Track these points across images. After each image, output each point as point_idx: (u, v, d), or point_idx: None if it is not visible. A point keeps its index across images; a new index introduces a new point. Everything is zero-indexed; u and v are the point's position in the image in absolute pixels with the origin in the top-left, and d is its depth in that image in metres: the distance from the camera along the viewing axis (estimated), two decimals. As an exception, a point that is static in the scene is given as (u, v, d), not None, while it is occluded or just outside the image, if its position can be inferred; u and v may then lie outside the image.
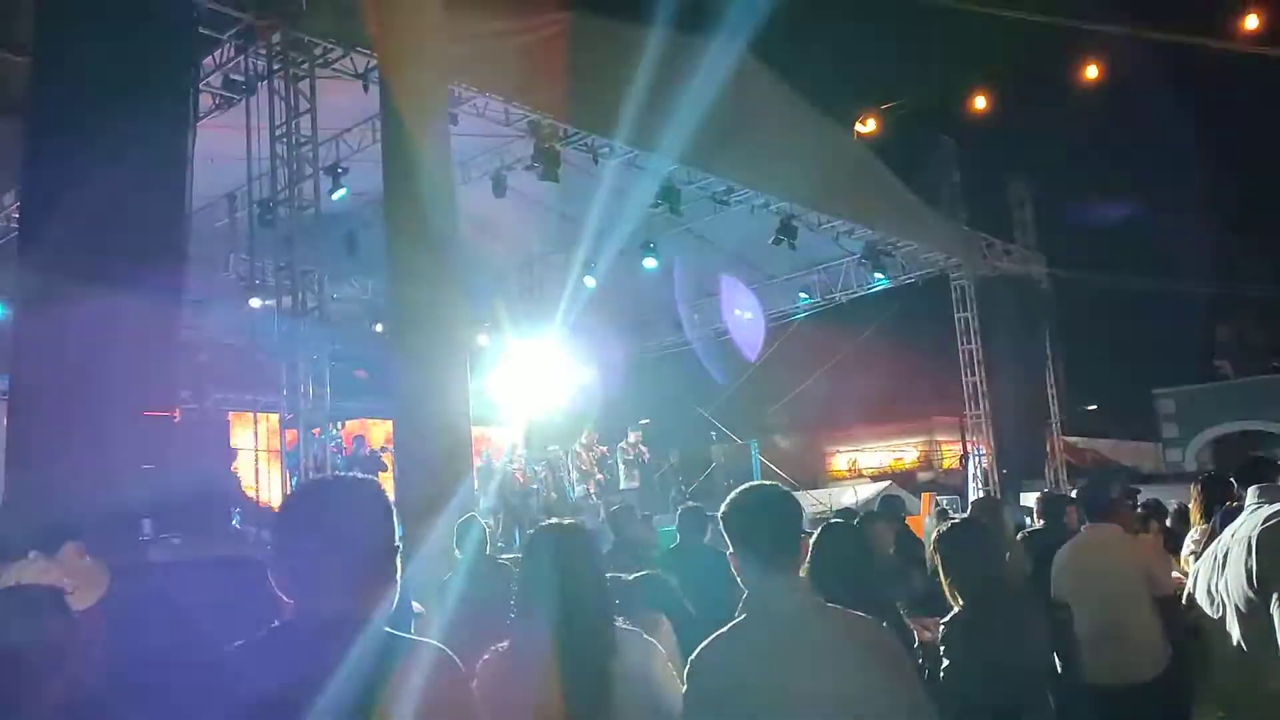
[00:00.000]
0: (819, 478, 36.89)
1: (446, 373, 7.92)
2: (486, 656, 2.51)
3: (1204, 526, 5.47)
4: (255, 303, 13.43)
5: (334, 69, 9.86)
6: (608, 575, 2.77)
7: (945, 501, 15.87)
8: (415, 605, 4.91)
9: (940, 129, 18.50)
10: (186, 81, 7.95)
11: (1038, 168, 19.12)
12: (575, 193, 14.07)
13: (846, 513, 8.25)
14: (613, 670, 2.37)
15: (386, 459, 13.05)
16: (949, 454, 33.65)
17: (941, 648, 3.80)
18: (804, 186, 14.20)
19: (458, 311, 8.14)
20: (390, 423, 11.05)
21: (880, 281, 17.30)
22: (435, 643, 1.81)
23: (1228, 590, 2.35)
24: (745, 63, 13.63)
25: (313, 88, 9.52)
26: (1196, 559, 5.48)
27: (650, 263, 15.75)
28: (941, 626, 3.89)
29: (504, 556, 6.56)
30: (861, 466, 37.32)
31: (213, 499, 9.53)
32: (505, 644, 2.52)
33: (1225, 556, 2.40)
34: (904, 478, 30.41)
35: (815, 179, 14.42)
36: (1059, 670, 6.30)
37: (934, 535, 4.14)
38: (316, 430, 9.22)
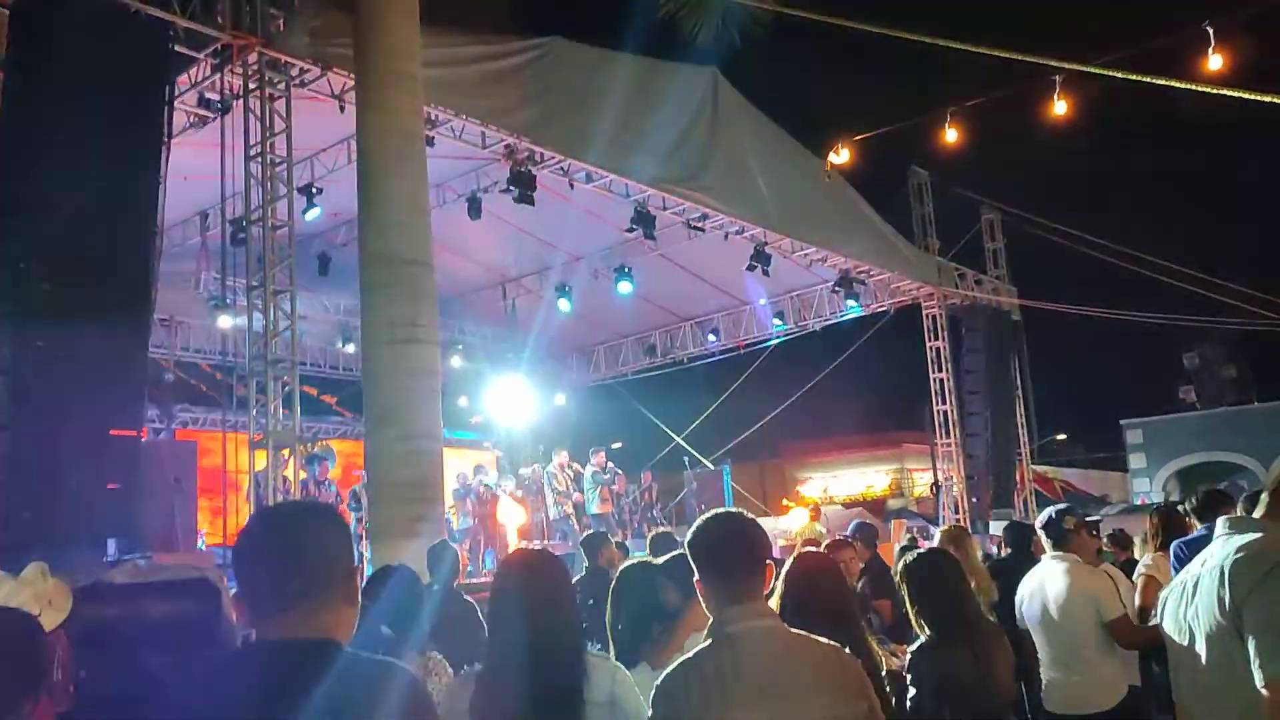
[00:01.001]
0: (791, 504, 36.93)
1: (418, 394, 7.88)
2: (456, 679, 2.50)
3: (1157, 554, 5.54)
4: (225, 322, 13.35)
5: (310, 89, 9.86)
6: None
7: (916, 529, 15.93)
8: (385, 629, 4.86)
9: (914, 160, 18.72)
10: (161, 99, 7.93)
11: (1010, 200, 19.36)
12: (550, 216, 14.11)
13: (813, 540, 8.27)
14: (582, 696, 2.36)
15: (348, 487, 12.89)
16: (920, 482, 33.87)
17: (908, 676, 3.82)
18: (778, 214, 14.31)
19: (430, 333, 8.11)
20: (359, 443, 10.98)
21: (853, 309, 17.42)
22: (398, 662, 1.80)
23: (1198, 618, 2.37)
24: (720, 89, 13.77)
25: (288, 107, 9.50)
26: (1145, 581, 5.58)
27: (625, 287, 15.80)
28: (908, 655, 3.90)
29: (477, 580, 6.53)
30: (834, 493, 37.47)
31: (176, 519, 9.42)
32: (476, 667, 2.50)
33: (1196, 585, 2.42)
34: (876, 505, 30.57)
35: (789, 206, 14.55)
36: (1023, 699, 6.34)
37: (901, 564, 4.17)
38: (285, 451, 9.14)
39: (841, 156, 10.57)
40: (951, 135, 9.90)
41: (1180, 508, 5.82)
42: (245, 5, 8.88)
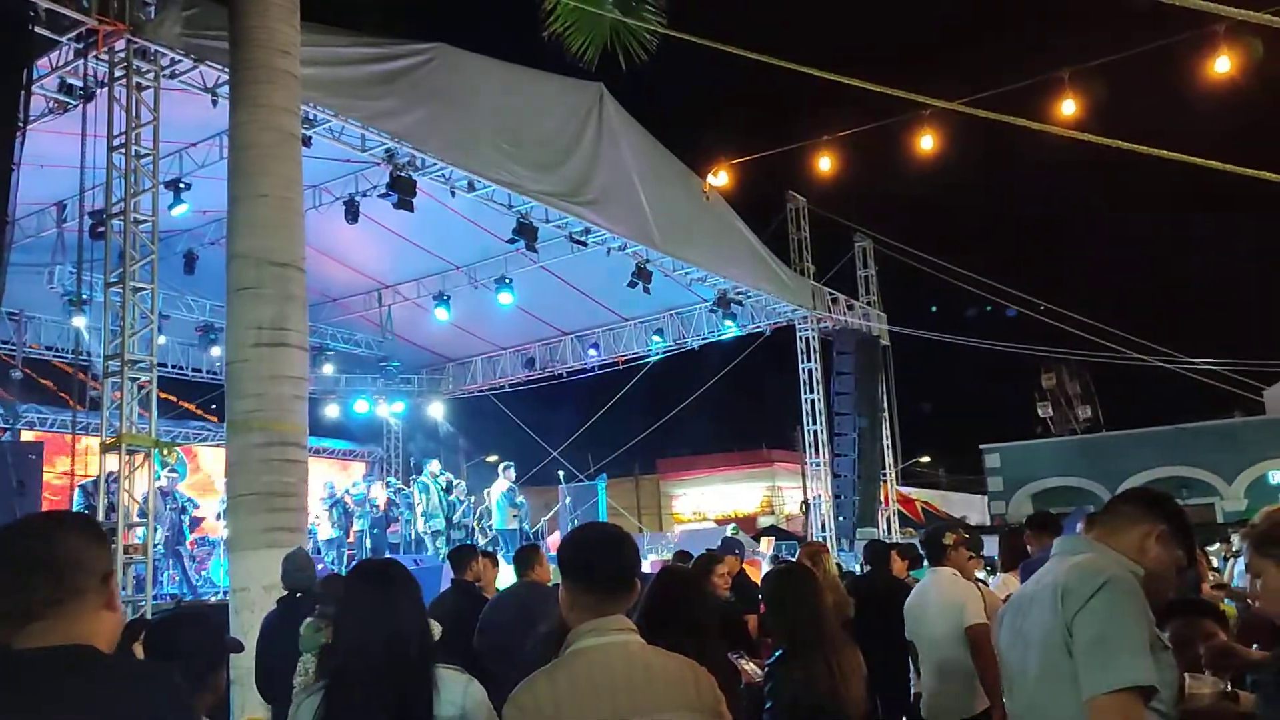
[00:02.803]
0: (664, 519, 37.29)
1: (284, 399, 7.64)
2: (303, 690, 2.44)
3: (1007, 575, 5.81)
4: (80, 321, 12.71)
5: (181, 81, 9.51)
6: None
7: (785, 547, 16.26)
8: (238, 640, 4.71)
9: (792, 186, 19.18)
10: (18, 82, 7.53)
11: (882, 228, 20.06)
12: (431, 224, 13.94)
13: (683, 555, 8.35)
14: (430, 709, 2.32)
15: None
16: (791, 500, 34.59)
17: (766, 688, 3.89)
18: (660, 232, 14.45)
19: (300, 338, 7.89)
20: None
21: (730, 329, 17.72)
22: (164, 666, 1.82)
23: (1031, 634, 2.48)
24: (606, 105, 13.84)
25: (157, 98, 9.14)
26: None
27: (505, 298, 15.70)
28: (766, 667, 3.99)
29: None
30: (706, 510, 37.93)
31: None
32: (319, 682, 2.44)
33: (1031, 602, 2.53)
34: (747, 522, 31.06)
35: (671, 225, 14.70)
36: (878, 709, 6.53)
37: (762, 579, 4.26)
38: (140, 455, 8.74)
39: (720, 179, 10.76)
40: (825, 164, 10.19)
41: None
42: (114, -11, 8.52)
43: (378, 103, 10.82)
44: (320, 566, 10.34)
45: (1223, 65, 8.07)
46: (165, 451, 9.53)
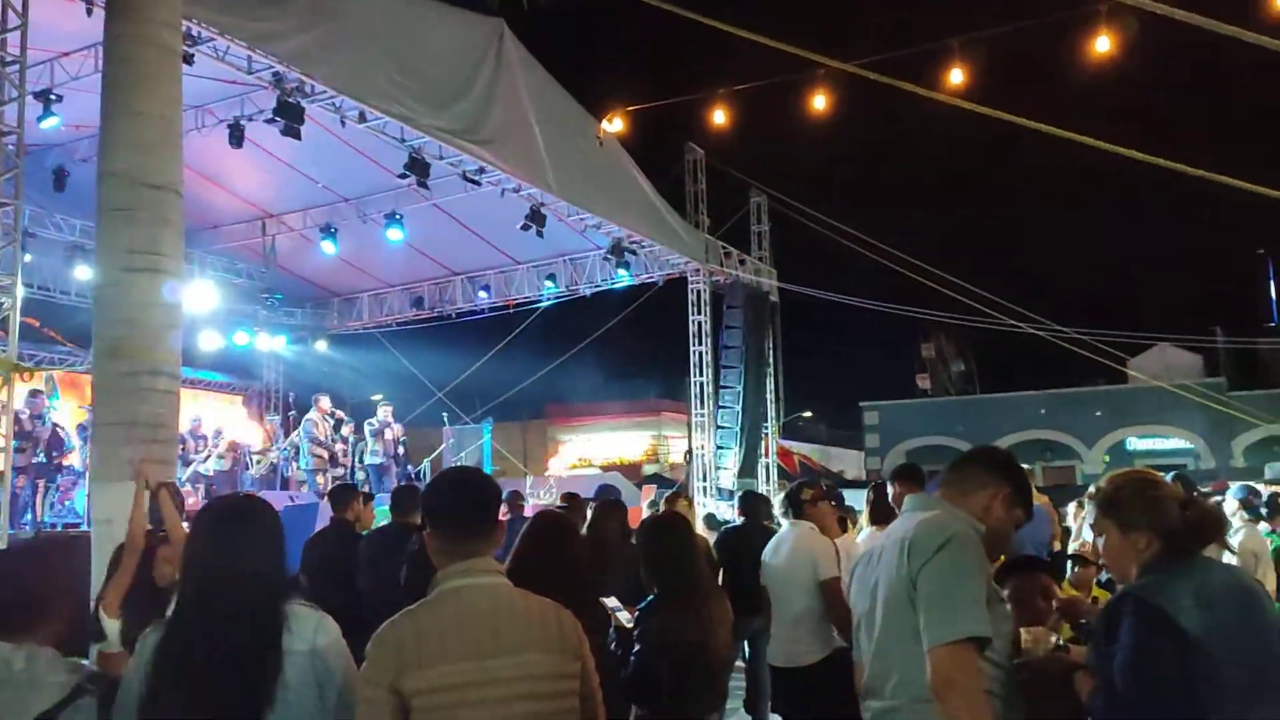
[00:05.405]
0: (550, 464, 37.43)
1: (156, 327, 7.35)
2: (149, 631, 2.40)
3: (872, 529, 6.05)
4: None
5: (53, -15, 8.96)
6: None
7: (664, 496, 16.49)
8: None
9: (692, 138, 19.18)
10: None
11: (778, 186, 20.19)
12: (319, 153, 13.52)
13: (571, 497, 8.45)
14: (277, 646, 2.29)
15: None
16: (676, 449, 35.09)
17: (636, 632, 3.99)
18: (556, 176, 14.31)
19: (174, 264, 7.57)
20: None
21: (623, 278, 17.74)
22: None
23: (879, 586, 2.60)
24: (506, 42, 13.57)
25: (25, 2, 8.59)
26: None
27: (395, 234, 15.37)
28: (636, 613, 4.08)
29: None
30: (591, 457, 38.21)
31: None
32: (166, 618, 2.40)
33: (880, 555, 2.65)
34: (631, 470, 31.45)
35: (568, 170, 14.57)
36: (746, 655, 6.75)
37: (637, 527, 4.35)
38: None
39: (615, 125, 10.69)
40: (720, 117, 10.22)
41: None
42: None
43: (266, 23, 10.37)
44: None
45: (1103, 45, 8.36)
46: (26, 376, 9.11)
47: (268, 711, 2.25)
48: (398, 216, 15.20)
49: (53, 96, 10.95)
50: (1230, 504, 6.61)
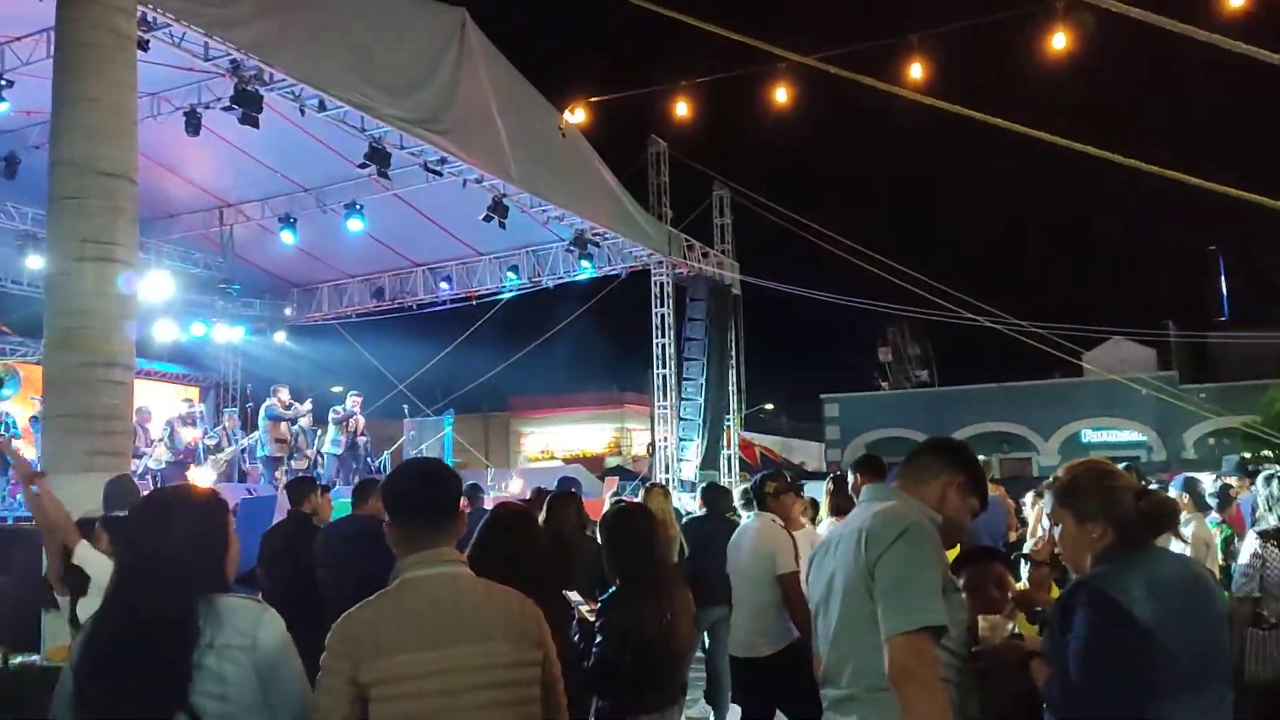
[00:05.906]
0: (512, 457, 37.33)
1: (109, 317, 7.24)
2: (85, 625, 2.34)
3: (832, 520, 6.11)
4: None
5: (2, -33, 8.76)
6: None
7: (629, 487, 16.50)
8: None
9: (654, 130, 19.18)
10: None
11: (740, 179, 20.27)
12: (278, 142, 13.36)
13: (537, 491, 8.41)
14: (191, 639, 2.17)
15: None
16: (639, 441, 35.14)
17: (598, 624, 3.99)
18: (519, 167, 14.23)
19: (128, 253, 7.46)
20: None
21: (586, 270, 17.71)
22: None
23: (836, 575, 2.61)
24: (468, 31, 13.46)
25: (-27, -16, 8.41)
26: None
27: (355, 224, 15.22)
28: (598, 604, 4.08)
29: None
30: (554, 449, 38.17)
31: None
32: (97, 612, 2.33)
33: (837, 545, 2.66)
34: (594, 462, 31.44)
35: (530, 161, 14.49)
36: (705, 646, 6.77)
37: (600, 519, 4.34)
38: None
39: (577, 116, 10.65)
40: (682, 109, 10.23)
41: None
42: None
43: (224, 9, 10.22)
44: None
45: (1060, 41, 8.47)
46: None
47: (179, 712, 2.12)
48: (358, 207, 15.06)
49: (2, 82, 10.74)
50: (1174, 494, 6.73)
